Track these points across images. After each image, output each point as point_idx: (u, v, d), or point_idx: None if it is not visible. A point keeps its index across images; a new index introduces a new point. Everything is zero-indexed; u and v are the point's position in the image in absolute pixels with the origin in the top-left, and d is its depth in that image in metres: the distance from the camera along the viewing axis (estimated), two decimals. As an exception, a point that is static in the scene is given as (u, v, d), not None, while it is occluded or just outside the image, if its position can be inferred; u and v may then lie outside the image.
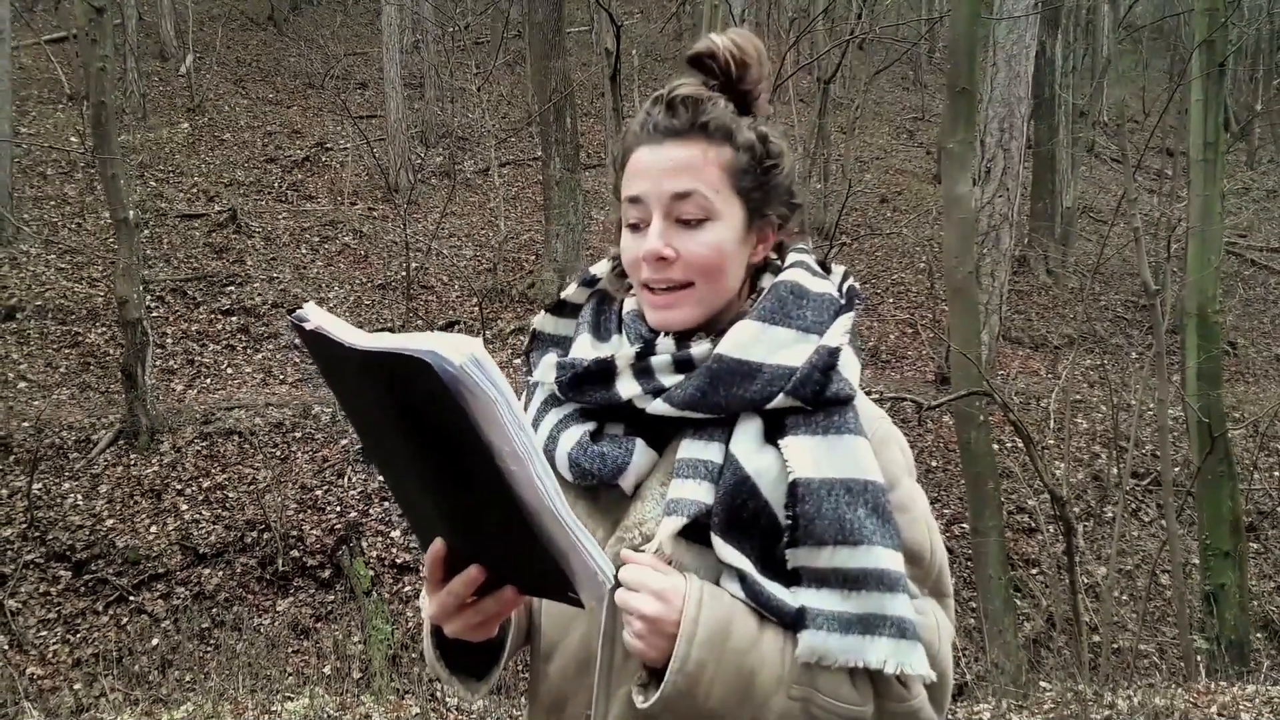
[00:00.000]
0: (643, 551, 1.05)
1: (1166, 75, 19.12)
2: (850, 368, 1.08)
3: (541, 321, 1.24)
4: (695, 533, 1.03)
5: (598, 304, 1.23)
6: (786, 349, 1.07)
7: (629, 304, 1.20)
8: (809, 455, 1.02)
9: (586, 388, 1.12)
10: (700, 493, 1.03)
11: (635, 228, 1.12)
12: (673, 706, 0.98)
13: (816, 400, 1.05)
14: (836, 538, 1.00)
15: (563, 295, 1.25)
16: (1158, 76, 19.99)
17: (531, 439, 0.81)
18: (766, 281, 1.15)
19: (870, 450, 1.05)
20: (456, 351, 0.76)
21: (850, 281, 1.18)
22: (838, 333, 1.09)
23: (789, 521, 1.02)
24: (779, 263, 1.18)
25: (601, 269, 1.25)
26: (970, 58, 6.08)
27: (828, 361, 1.05)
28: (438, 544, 0.94)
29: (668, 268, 1.09)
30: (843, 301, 1.14)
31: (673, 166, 1.08)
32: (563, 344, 1.21)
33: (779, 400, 1.05)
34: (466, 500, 0.87)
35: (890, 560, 1.01)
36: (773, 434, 1.05)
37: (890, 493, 1.05)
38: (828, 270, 1.19)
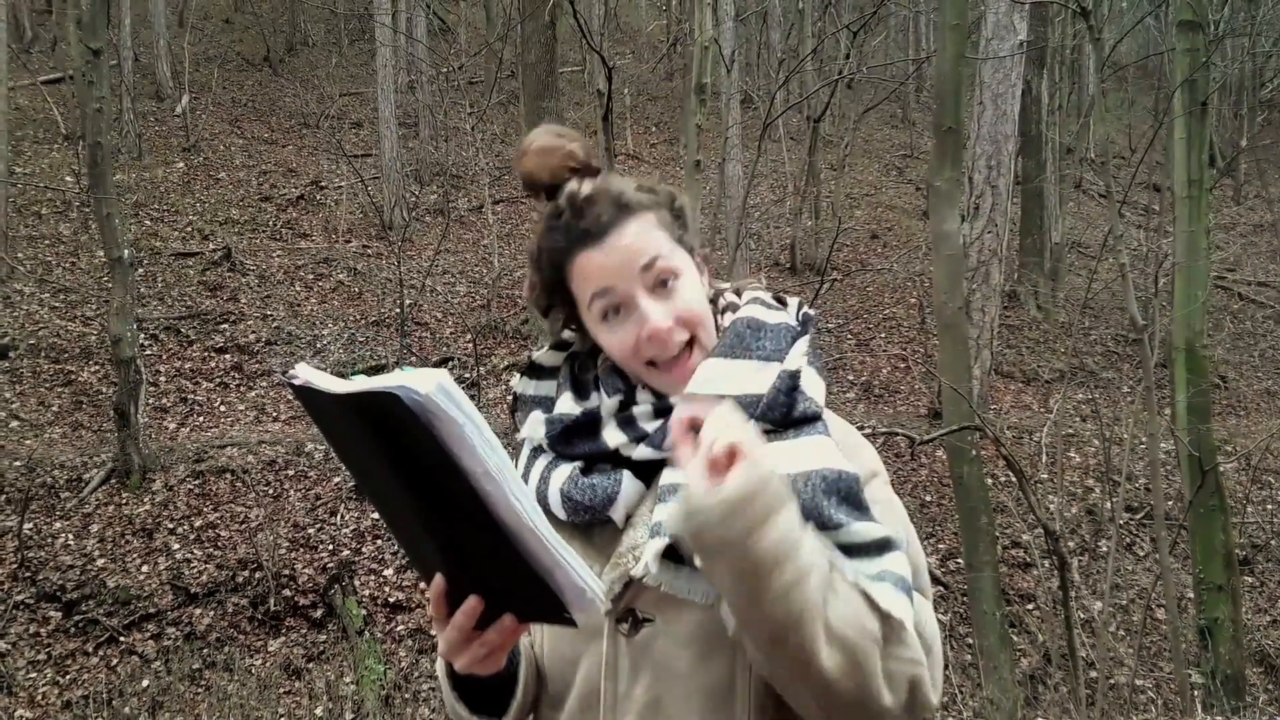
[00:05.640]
0: (633, 576, 1.07)
1: (1151, 112, 19.37)
2: (814, 387, 1.13)
3: (521, 385, 1.27)
4: (683, 556, 1.05)
5: (575, 365, 1.26)
6: (750, 377, 1.11)
7: (604, 361, 1.22)
8: (781, 455, 1.05)
9: (575, 440, 1.16)
10: None
11: (608, 317, 1.14)
12: (731, 511, 0.92)
13: (785, 421, 1.09)
14: (816, 525, 1.01)
15: (534, 358, 1.28)
16: (1143, 113, 20.25)
17: (504, 459, 0.85)
18: (727, 320, 1.19)
19: (837, 450, 1.08)
20: (422, 382, 0.81)
21: (805, 309, 1.23)
22: (796, 356, 1.13)
23: None
24: (738, 302, 1.22)
25: (570, 333, 1.27)
26: (956, 97, 6.17)
27: (790, 384, 1.10)
28: (438, 580, 0.96)
29: (669, 336, 1.12)
30: (799, 328, 1.19)
31: (629, 248, 1.12)
32: (544, 404, 1.24)
33: None
34: (453, 528, 0.91)
35: (875, 531, 1.02)
36: None
37: (865, 487, 1.08)
38: (784, 303, 1.24)
